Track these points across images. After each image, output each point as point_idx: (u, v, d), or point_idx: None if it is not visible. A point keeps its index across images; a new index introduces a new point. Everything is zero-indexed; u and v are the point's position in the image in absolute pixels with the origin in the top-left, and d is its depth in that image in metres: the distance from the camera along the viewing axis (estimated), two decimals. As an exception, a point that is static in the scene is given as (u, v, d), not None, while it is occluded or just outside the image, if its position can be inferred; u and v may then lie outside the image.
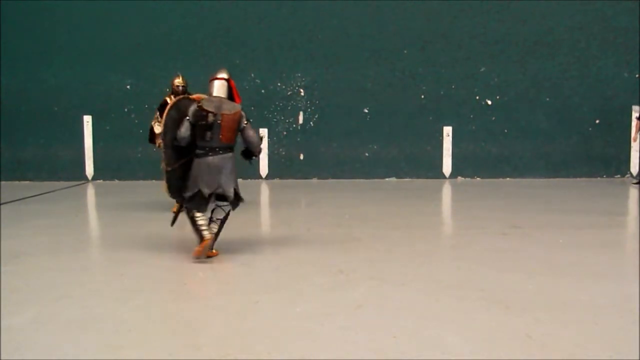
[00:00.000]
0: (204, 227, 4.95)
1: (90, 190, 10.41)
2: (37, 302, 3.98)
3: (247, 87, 11.12)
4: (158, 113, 7.50)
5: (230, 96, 5.22)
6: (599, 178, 11.16)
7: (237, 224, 7.02)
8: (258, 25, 11.24)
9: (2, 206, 8.25)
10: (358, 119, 11.26)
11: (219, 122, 4.94)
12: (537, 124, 11.25)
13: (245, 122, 5.16)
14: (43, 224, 6.90)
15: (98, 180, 11.41)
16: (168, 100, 7.39)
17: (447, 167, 11.36)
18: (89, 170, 11.47)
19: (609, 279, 4.44)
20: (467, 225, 6.67)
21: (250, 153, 5.36)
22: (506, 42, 11.16)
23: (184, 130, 4.95)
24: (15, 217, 7.40)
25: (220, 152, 5.01)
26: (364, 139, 11.29)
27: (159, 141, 7.30)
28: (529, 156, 11.30)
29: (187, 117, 4.96)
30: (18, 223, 6.99)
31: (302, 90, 11.28)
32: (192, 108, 4.98)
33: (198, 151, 5.00)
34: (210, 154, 4.97)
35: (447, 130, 11.31)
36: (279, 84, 11.21)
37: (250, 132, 5.20)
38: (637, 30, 10.99)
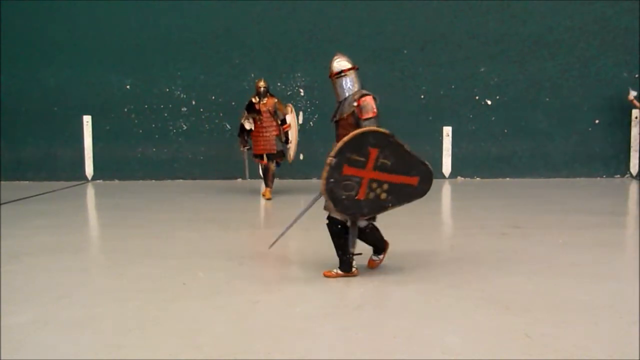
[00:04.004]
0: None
1: (90, 191, 10.41)
2: (37, 302, 3.98)
3: (247, 87, 11.11)
4: (246, 112, 8.64)
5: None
6: (599, 178, 11.16)
7: (236, 224, 7.03)
8: (258, 25, 11.24)
9: (2, 206, 8.25)
10: (358, 119, 11.24)
11: None
12: (536, 124, 11.24)
13: None
14: (43, 224, 6.90)
15: (98, 180, 11.41)
16: (253, 100, 8.64)
17: (446, 167, 11.36)
18: (89, 170, 11.47)
19: (609, 279, 4.44)
20: (467, 225, 6.66)
21: None
22: (506, 42, 11.16)
23: None
24: (15, 217, 7.40)
25: None
26: (363, 139, 11.25)
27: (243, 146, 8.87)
28: (528, 156, 11.29)
29: (378, 116, 4.53)
30: (18, 223, 6.98)
31: (302, 90, 11.28)
32: (376, 104, 4.57)
33: None
34: None
35: (447, 130, 11.30)
36: (278, 84, 11.20)
37: None
38: (637, 30, 10.99)
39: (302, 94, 11.25)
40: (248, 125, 8.59)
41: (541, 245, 5.57)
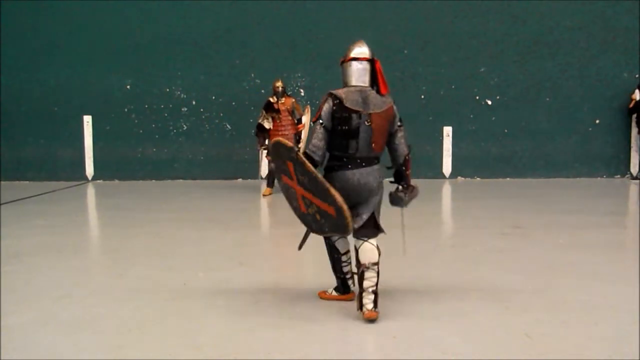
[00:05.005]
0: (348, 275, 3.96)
1: (90, 191, 10.41)
2: (37, 302, 3.98)
3: (247, 87, 11.12)
4: (264, 112, 8.97)
5: (375, 84, 3.85)
6: (599, 178, 11.16)
7: (236, 224, 7.03)
8: (258, 25, 11.23)
9: (2, 206, 8.25)
10: (358, 119, 11.24)
11: (367, 124, 3.67)
12: (537, 124, 11.24)
13: (399, 122, 3.88)
14: (43, 224, 6.90)
15: (98, 181, 11.41)
16: (271, 100, 9.01)
17: (447, 167, 11.36)
18: (89, 170, 11.47)
19: (609, 279, 4.44)
20: (467, 225, 6.67)
21: (401, 174, 3.91)
22: (506, 42, 11.16)
23: (317, 139, 3.64)
24: (15, 217, 7.40)
25: (364, 164, 3.67)
26: (364, 139, 11.26)
27: (262, 145, 9.01)
28: (528, 156, 11.29)
29: (321, 121, 3.66)
30: (18, 223, 6.98)
31: (302, 90, 11.28)
32: (327, 107, 3.69)
33: (333, 162, 3.70)
34: (349, 166, 3.65)
35: (447, 130, 11.30)
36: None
37: (402, 138, 3.87)
38: (637, 30, 10.98)
39: (302, 94, 11.25)
40: (267, 124, 8.93)
41: (541, 245, 5.57)
